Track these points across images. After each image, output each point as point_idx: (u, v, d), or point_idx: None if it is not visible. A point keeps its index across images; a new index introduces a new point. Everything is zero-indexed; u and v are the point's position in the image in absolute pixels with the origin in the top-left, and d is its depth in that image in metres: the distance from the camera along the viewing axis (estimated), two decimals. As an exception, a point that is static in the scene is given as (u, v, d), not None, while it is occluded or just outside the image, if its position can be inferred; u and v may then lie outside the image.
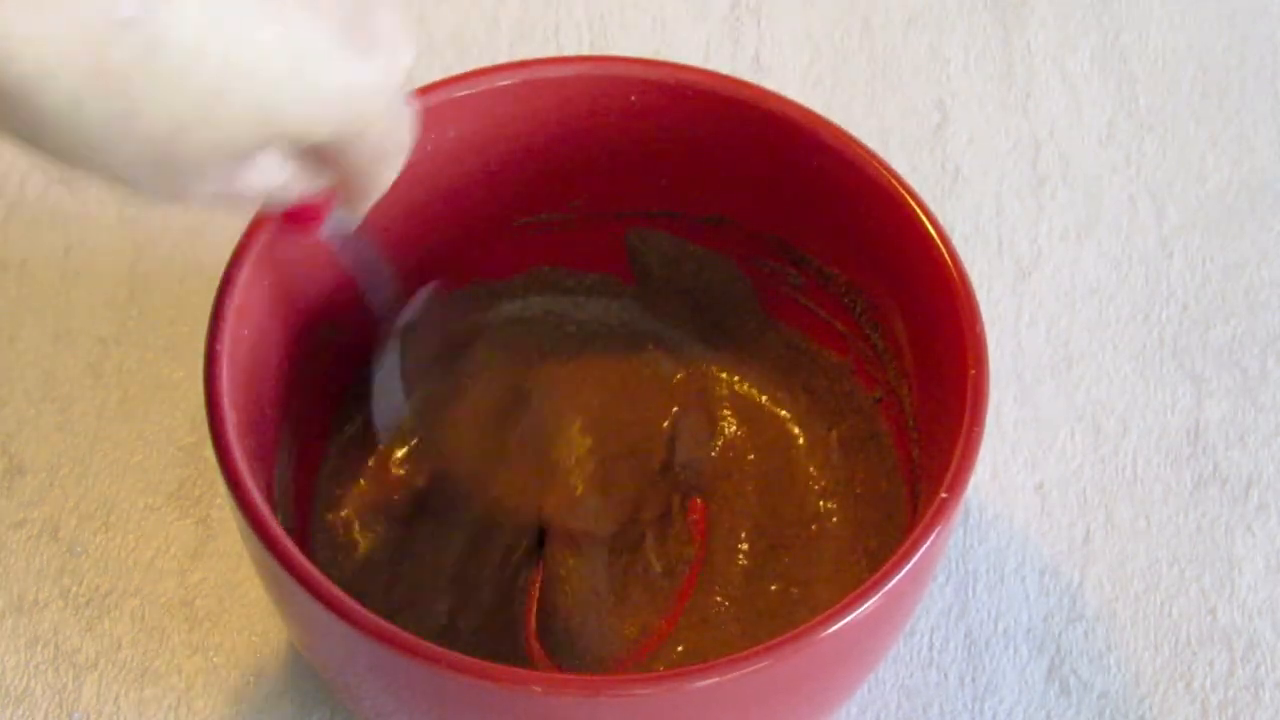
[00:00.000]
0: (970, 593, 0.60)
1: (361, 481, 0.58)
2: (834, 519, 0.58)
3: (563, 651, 0.55)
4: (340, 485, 0.58)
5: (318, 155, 0.42)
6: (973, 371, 0.50)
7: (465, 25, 0.73)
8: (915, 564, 0.47)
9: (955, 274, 0.52)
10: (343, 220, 0.50)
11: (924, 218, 0.53)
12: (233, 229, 0.52)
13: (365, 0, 0.41)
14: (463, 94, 0.55)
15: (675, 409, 0.60)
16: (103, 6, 0.35)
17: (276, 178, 0.42)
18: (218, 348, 0.50)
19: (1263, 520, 0.62)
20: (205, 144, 0.38)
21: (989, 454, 0.63)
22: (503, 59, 0.57)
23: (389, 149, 0.44)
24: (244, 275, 0.51)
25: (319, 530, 0.57)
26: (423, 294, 0.56)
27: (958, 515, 0.48)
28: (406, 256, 0.58)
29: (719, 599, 0.57)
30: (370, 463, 0.59)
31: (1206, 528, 0.62)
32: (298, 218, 0.49)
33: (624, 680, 0.49)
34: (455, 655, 0.45)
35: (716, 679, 0.45)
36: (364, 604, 0.45)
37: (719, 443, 0.60)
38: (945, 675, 0.58)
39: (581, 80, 0.56)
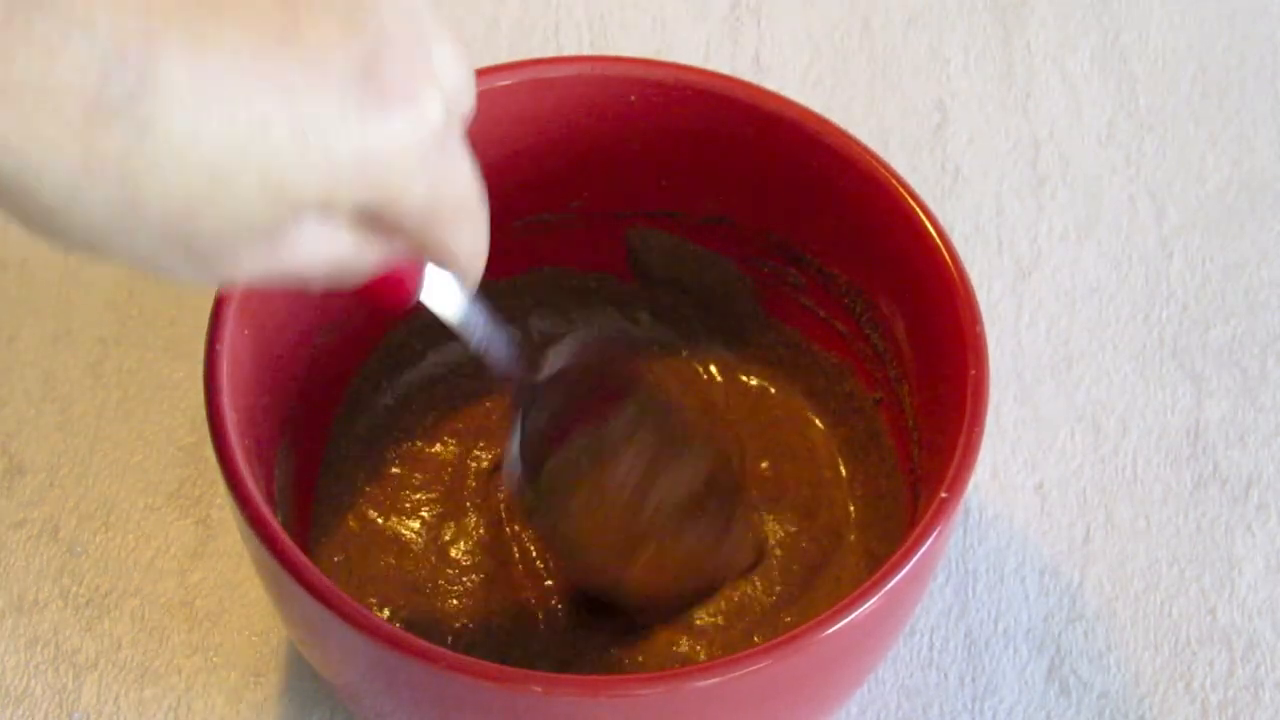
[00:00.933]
0: (970, 593, 0.60)
1: (361, 481, 0.59)
2: (834, 519, 0.58)
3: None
4: (340, 485, 0.58)
5: (375, 223, 0.39)
6: (973, 371, 0.50)
7: (465, 25, 0.73)
8: (915, 564, 0.47)
9: (955, 274, 0.52)
10: (444, 289, 0.46)
11: (924, 218, 0.53)
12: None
13: (379, 51, 0.37)
14: (463, 94, 0.55)
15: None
16: (85, 98, 0.33)
17: (333, 248, 0.39)
18: (218, 348, 0.49)
19: (1263, 520, 0.62)
20: (221, 224, 0.36)
21: (989, 454, 0.63)
22: (503, 59, 0.57)
23: (448, 208, 0.40)
24: (244, 275, 0.51)
25: (319, 530, 0.57)
26: (567, 345, 0.54)
27: (958, 515, 0.48)
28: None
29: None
30: (371, 461, 0.59)
31: (1206, 528, 0.62)
32: (378, 291, 0.44)
33: (624, 680, 0.49)
34: (455, 655, 0.45)
35: (716, 679, 0.45)
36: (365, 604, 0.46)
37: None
38: (945, 675, 0.58)
39: (581, 80, 0.56)
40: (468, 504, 0.58)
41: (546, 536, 0.56)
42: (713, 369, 0.61)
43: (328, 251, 0.38)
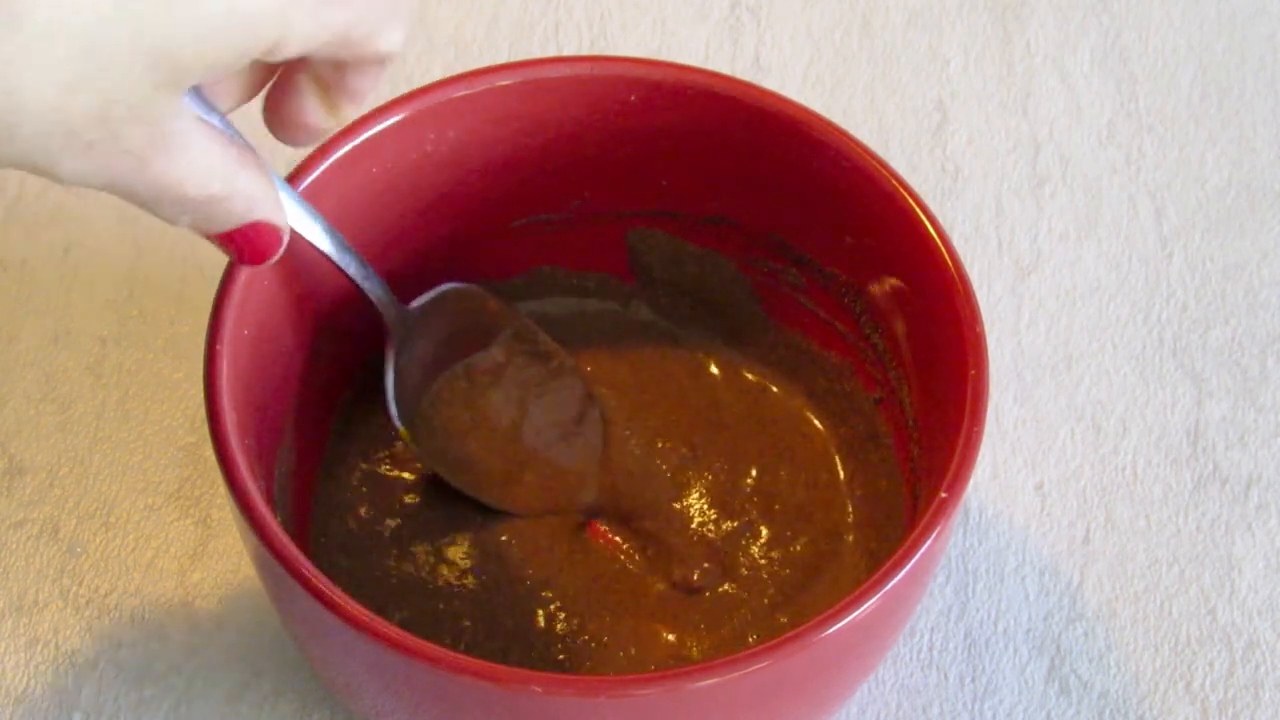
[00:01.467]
0: (970, 593, 0.60)
1: (361, 481, 0.59)
2: (833, 519, 0.58)
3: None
4: (340, 485, 0.58)
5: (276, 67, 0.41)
6: (973, 371, 0.50)
7: (465, 25, 0.73)
8: (915, 564, 0.47)
9: (955, 274, 0.52)
10: (318, 232, 0.50)
11: (924, 218, 0.53)
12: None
13: None
14: (463, 94, 0.55)
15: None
16: None
17: (211, 155, 0.40)
18: (218, 348, 0.50)
19: (1263, 520, 0.62)
20: (101, 101, 0.37)
21: (989, 454, 0.63)
22: (503, 59, 0.57)
23: (369, 24, 0.41)
24: (244, 275, 0.51)
25: (319, 530, 0.57)
26: (437, 290, 0.57)
27: (957, 515, 0.48)
28: (406, 257, 0.58)
29: (724, 590, 0.57)
30: (371, 462, 0.59)
31: (1206, 528, 0.62)
32: (249, 249, 0.45)
33: (624, 680, 0.48)
34: (455, 655, 0.45)
35: (716, 679, 0.45)
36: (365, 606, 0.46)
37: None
38: (945, 675, 0.58)
39: (581, 80, 0.56)
40: (467, 505, 0.58)
41: (431, 461, 0.57)
42: (712, 368, 0.61)
43: (208, 159, 0.40)
